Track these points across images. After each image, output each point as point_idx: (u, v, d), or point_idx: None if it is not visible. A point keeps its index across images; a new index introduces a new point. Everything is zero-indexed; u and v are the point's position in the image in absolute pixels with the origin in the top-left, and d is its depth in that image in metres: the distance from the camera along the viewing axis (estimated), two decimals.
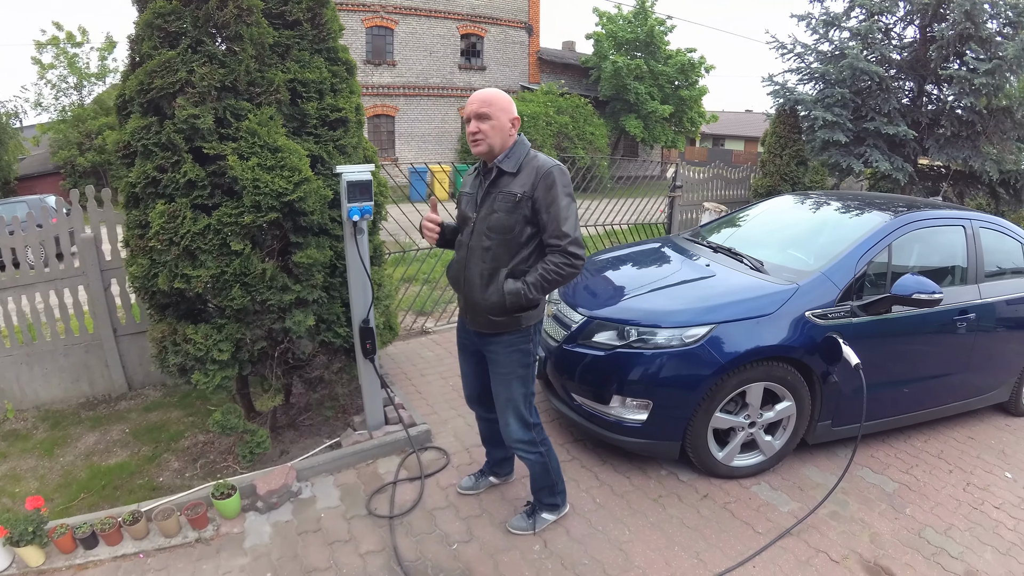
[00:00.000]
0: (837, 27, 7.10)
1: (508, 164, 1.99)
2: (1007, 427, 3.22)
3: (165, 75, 2.26)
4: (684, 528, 2.38)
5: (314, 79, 2.68)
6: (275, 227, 2.57)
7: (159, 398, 3.51)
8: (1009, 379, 3.13)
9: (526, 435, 2.17)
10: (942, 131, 6.41)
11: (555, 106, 13.46)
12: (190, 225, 2.38)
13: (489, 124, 1.96)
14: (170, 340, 2.52)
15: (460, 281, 2.11)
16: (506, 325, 2.04)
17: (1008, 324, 2.96)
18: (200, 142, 2.39)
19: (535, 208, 1.94)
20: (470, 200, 2.11)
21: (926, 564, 2.18)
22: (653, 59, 16.27)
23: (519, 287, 1.96)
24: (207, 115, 2.34)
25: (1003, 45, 5.64)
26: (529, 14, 17.52)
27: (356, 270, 2.73)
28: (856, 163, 6.50)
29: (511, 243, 1.98)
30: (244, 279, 2.47)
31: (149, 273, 2.44)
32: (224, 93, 2.41)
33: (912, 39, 6.87)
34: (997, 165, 6.13)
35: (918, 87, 6.71)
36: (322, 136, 2.78)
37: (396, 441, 2.94)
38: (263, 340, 2.64)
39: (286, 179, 2.45)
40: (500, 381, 2.15)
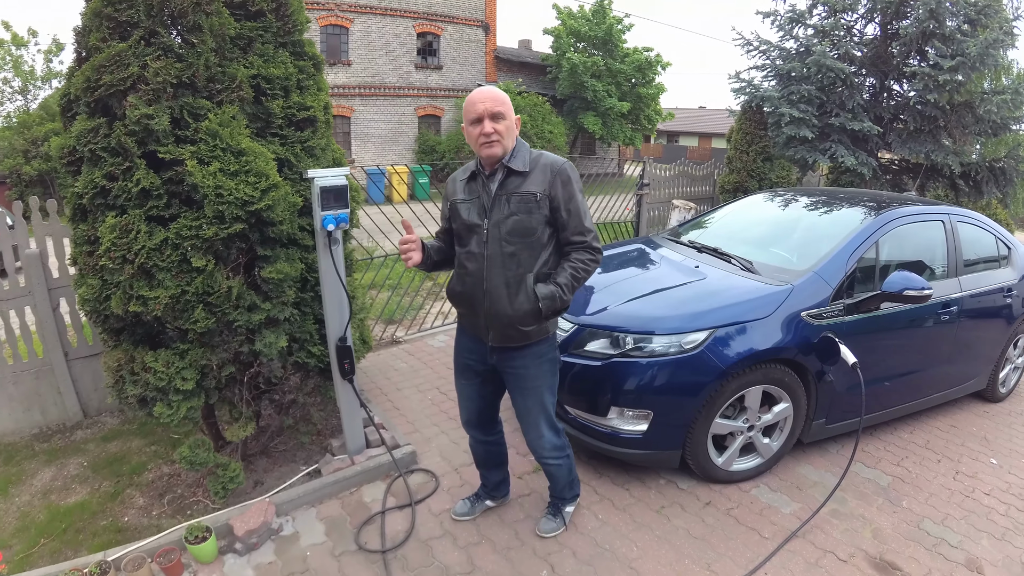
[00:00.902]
0: (802, 24, 7.37)
1: (518, 164, 1.88)
2: (986, 413, 3.37)
3: (115, 70, 1.98)
4: (691, 539, 2.32)
5: (279, 75, 2.45)
6: (240, 239, 2.33)
7: (117, 426, 3.16)
8: (987, 367, 3.27)
9: (558, 440, 2.11)
10: (904, 126, 6.77)
11: (513, 104, 13.46)
12: (145, 240, 2.11)
13: (504, 124, 1.85)
14: (127, 369, 2.23)
15: (478, 295, 1.95)
16: (536, 335, 1.95)
17: (985, 314, 3.08)
18: (154, 146, 2.13)
19: (553, 207, 1.87)
20: (472, 206, 1.95)
21: (929, 556, 2.21)
22: (611, 57, 16.50)
23: (553, 290, 1.86)
24: (162, 115, 2.08)
25: (966, 43, 5.98)
26: (486, 12, 17.41)
27: (331, 284, 2.52)
28: (822, 158, 6.77)
29: (534, 245, 1.88)
30: (207, 299, 2.22)
31: (101, 295, 2.15)
32: (181, 90, 2.16)
33: (873, 36, 7.21)
34: (959, 158, 6.54)
35: (880, 83, 7.05)
36: (289, 137, 2.56)
37: (380, 465, 2.75)
38: (231, 365, 2.38)
39: (252, 186, 2.22)
40: (530, 394, 2.04)
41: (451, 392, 3.60)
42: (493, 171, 1.92)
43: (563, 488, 2.31)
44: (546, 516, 2.38)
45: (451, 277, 2.10)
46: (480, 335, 2.03)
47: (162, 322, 2.30)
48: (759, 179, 6.84)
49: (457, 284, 2.04)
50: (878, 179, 6.95)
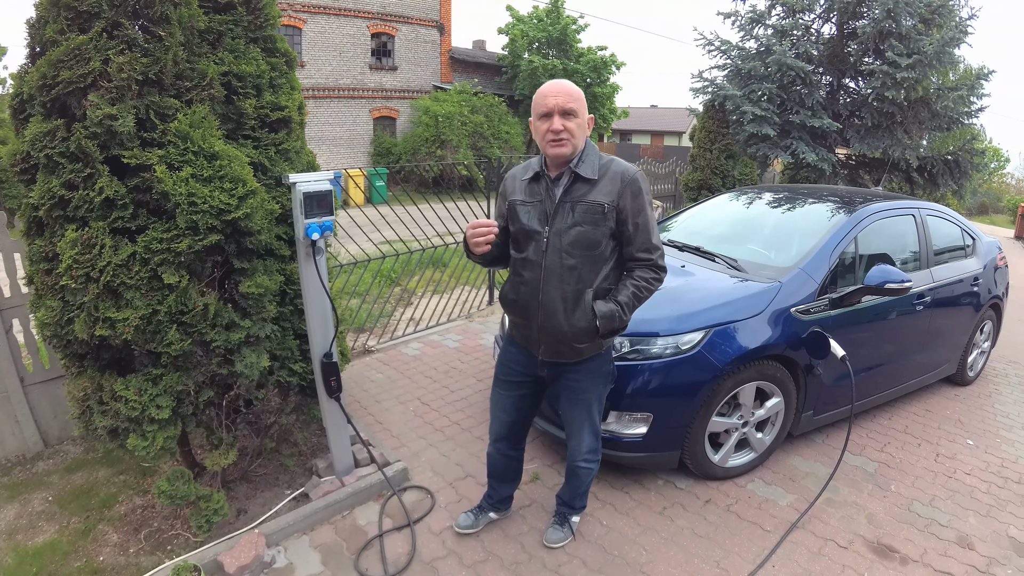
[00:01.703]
0: (761, 24, 7.67)
1: (587, 169, 1.77)
2: (957, 397, 3.57)
3: (74, 66, 1.77)
4: (697, 538, 2.33)
5: (251, 72, 2.29)
6: (215, 251, 2.15)
7: (81, 455, 2.87)
8: (956, 353, 3.46)
9: (596, 444, 2.07)
10: (862, 122, 7.15)
11: (470, 105, 13.33)
12: (110, 255, 1.90)
13: (575, 122, 1.73)
14: (95, 398, 2.01)
15: (532, 306, 1.85)
16: (589, 351, 1.86)
17: (955, 303, 3.27)
18: (118, 150, 1.93)
19: (619, 219, 1.77)
20: (533, 210, 1.83)
21: (922, 536, 2.31)
22: (566, 57, 16.67)
23: (614, 309, 1.77)
24: (127, 115, 1.89)
25: (922, 41, 6.36)
26: (440, 12, 17.23)
27: (315, 297, 2.37)
28: (784, 155, 7.07)
29: (596, 260, 1.78)
30: (181, 318, 2.03)
31: (62, 318, 1.92)
32: (147, 88, 1.96)
33: (830, 35, 7.58)
34: (916, 152, 6.97)
35: (837, 81, 7.42)
36: (262, 139, 2.39)
37: (372, 485, 2.61)
38: (208, 388, 2.20)
39: (228, 193, 2.05)
40: (580, 405, 1.98)
41: (433, 402, 3.49)
42: (559, 175, 1.81)
43: (576, 496, 2.26)
44: (552, 526, 2.33)
45: (506, 282, 2.01)
46: (531, 347, 1.94)
47: (131, 346, 2.09)
48: (723, 176, 7.07)
49: (511, 291, 1.94)
50: (837, 174, 7.33)
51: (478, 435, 3.11)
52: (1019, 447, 3.00)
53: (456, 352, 4.25)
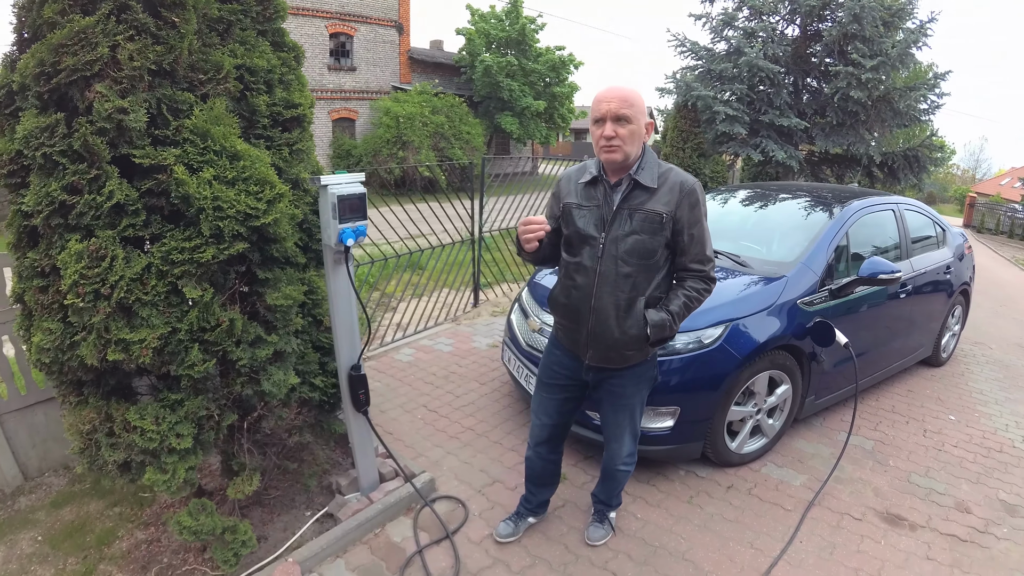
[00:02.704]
0: (731, 26, 8.02)
1: (647, 177, 1.75)
2: (933, 377, 3.93)
3: (79, 51, 1.54)
4: (727, 523, 2.44)
5: (263, 67, 2.11)
6: (237, 260, 1.97)
7: (66, 488, 2.53)
8: (932, 336, 3.80)
9: (634, 447, 2.08)
10: (827, 120, 7.67)
11: (430, 106, 13.09)
12: (123, 269, 1.69)
13: (628, 129, 1.69)
14: (103, 431, 1.77)
15: (584, 312, 1.83)
16: (636, 357, 1.86)
17: (931, 289, 3.58)
18: (127, 148, 1.71)
19: (676, 229, 1.76)
20: (590, 215, 1.81)
21: (925, 504, 2.54)
22: (524, 57, 16.71)
23: (665, 318, 1.76)
24: (139, 109, 1.67)
25: (885, 43, 6.84)
26: (399, 12, 16.76)
27: (343, 306, 2.24)
28: (754, 153, 7.46)
29: (651, 269, 1.78)
30: (204, 336, 1.84)
31: (64, 343, 1.67)
32: (158, 80, 1.75)
33: (793, 37, 8.04)
34: (879, 148, 7.56)
35: (801, 81, 7.89)
36: (275, 139, 2.22)
37: (401, 499, 2.50)
38: (231, 412, 2.01)
39: (254, 196, 1.88)
40: (623, 410, 1.98)
41: (441, 409, 3.40)
42: (618, 180, 1.78)
43: (614, 495, 2.29)
44: (593, 524, 2.35)
45: (556, 285, 1.97)
46: (578, 351, 1.92)
47: (144, 370, 1.87)
48: (695, 174, 7.34)
49: (562, 295, 1.91)
50: (803, 171, 7.86)
51: (495, 439, 3.07)
52: (996, 420, 3.36)
53: (451, 356, 4.16)
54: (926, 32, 7.14)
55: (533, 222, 1.76)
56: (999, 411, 3.48)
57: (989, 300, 6.84)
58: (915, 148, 7.86)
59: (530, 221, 1.77)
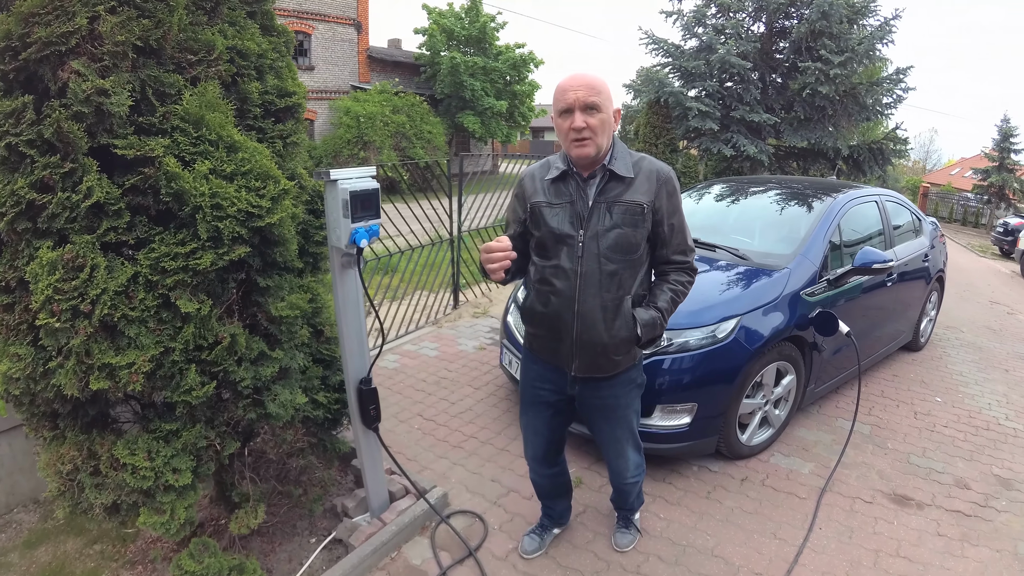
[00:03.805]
0: (702, 24, 8.18)
1: (621, 167, 1.63)
2: (915, 361, 4.12)
3: (53, 22, 1.28)
4: (748, 515, 2.44)
5: (254, 50, 1.87)
6: (237, 267, 1.73)
7: (38, 525, 2.18)
8: (912, 322, 3.97)
9: (639, 458, 1.97)
10: (795, 115, 7.95)
11: (391, 105, 12.68)
12: (105, 281, 1.44)
13: (598, 118, 1.56)
14: (86, 469, 1.51)
15: (567, 318, 1.68)
16: (625, 362, 1.74)
17: (912, 277, 3.74)
18: (107, 138, 1.45)
19: (655, 219, 1.65)
20: (563, 212, 1.66)
21: (927, 483, 2.65)
22: (485, 55, 16.54)
23: (655, 316, 1.66)
24: (121, 91, 1.42)
25: (852, 39, 7.11)
26: (358, 10, 16.12)
27: (351, 314, 2.04)
28: (725, 148, 7.65)
29: (635, 264, 1.66)
30: (201, 355, 1.61)
31: (36, 371, 1.39)
32: (142, 59, 1.50)
33: (760, 34, 8.29)
34: (846, 142, 7.91)
35: (767, 77, 8.14)
36: (267, 131, 1.99)
37: (415, 518, 2.33)
38: (234, 439, 1.77)
39: (256, 193, 1.67)
40: (618, 423, 1.85)
41: (438, 417, 3.23)
42: (591, 173, 1.65)
43: (633, 500, 2.20)
44: (619, 530, 2.27)
45: (528, 294, 1.80)
46: (561, 363, 1.76)
47: (129, 396, 1.61)
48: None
49: (539, 303, 1.74)
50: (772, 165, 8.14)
51: (501, 446, 2.94)
52: (979, 400, 3.56)
53: (439, 361, 3.97)
54: (891, 28, 7.60)
55: (497, 249, 1.55)
56: (980, 391, 3.70)
57: (953, 286, 7.32)
58: (879, 141, 8.38)
59: (494, 248, 1.55)
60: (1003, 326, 5.76)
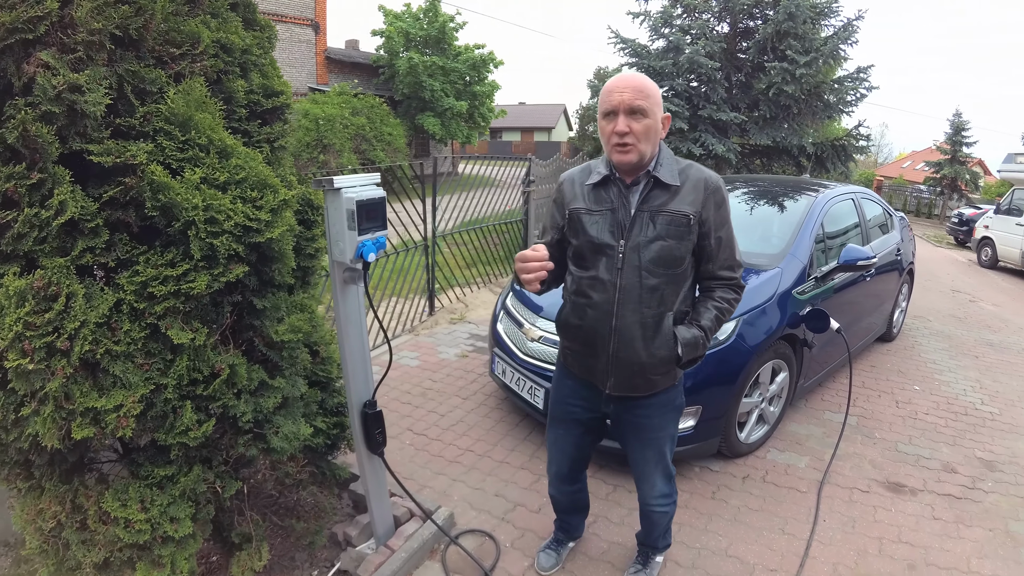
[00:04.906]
0: (669, 24, 8.25)
1: (667, 174, 1.53)
2: (889, 351, 4.29)
3: (19, 6, 1.08)
4: (753, 512, 2.45)
5: (239, 45, 1.69)
6: (230, 288, 1.55)
7: (11, 570, 1.89)
8: (886, 314, 4.11)
9: (669, 488, 1.87)
10: (761, 114, 8.13)
11: (350, 107, 12.17)
12: (84, 311, 1.24)
13: (644, 124, 1.46)
14: (71, 524, 1.30)
15: (603, 333, 1.59)
16: (664, 382, 1.66)
17: (886, 270, 3.87)
18: (80, 143, 1.25)
19: (702, 232, 1.55)
20: (603, 221, 1.57)
21: (917, 469, 2.75)
22: (444, 56, 16.23)
23: (697, 335, 1.57)
24: (97, 88, 1.22)
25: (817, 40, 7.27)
26: (316, 10, 15.36)
27: (354, 333, 1.88)
28: (694, 147, 7.75)
29: (679, 280, 1.57)
30: (196, 390, 1.43)
31: (7, 420, 1.19)
32: (120, 51, 1.30)
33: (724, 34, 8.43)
34: (811, 140, 8.14)
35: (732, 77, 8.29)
36: (253, 134, 1.80)
37: (424, 543, 2.20)
38: (234, 478, 1.59)
39: (253, 204, 1.50)
40: (650, 445, 1.77)
41: (429, 431, 3.09)
42: (635, 179, 1.56)
43: (657, 537, 2.06)
44: (634, 568, 2.09)
45: (565, 304, 1.71)
46: (596, 380, 1.69)
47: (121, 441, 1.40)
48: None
49: (574, 316, 1.65)
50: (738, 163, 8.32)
51: (500, 459, 2.84)
52: (955, 386, 3.75)
53: (421, 371, 3.82)
54: (854, 29, 7.97)
55: (533, 259, 1.49)
56: (954, 378, 3.90)
57: (916, 276, 7.71)
58: (842, 138, 8.77)
59: (529, 258, 1.49)
60: (967, 314, 6.07)
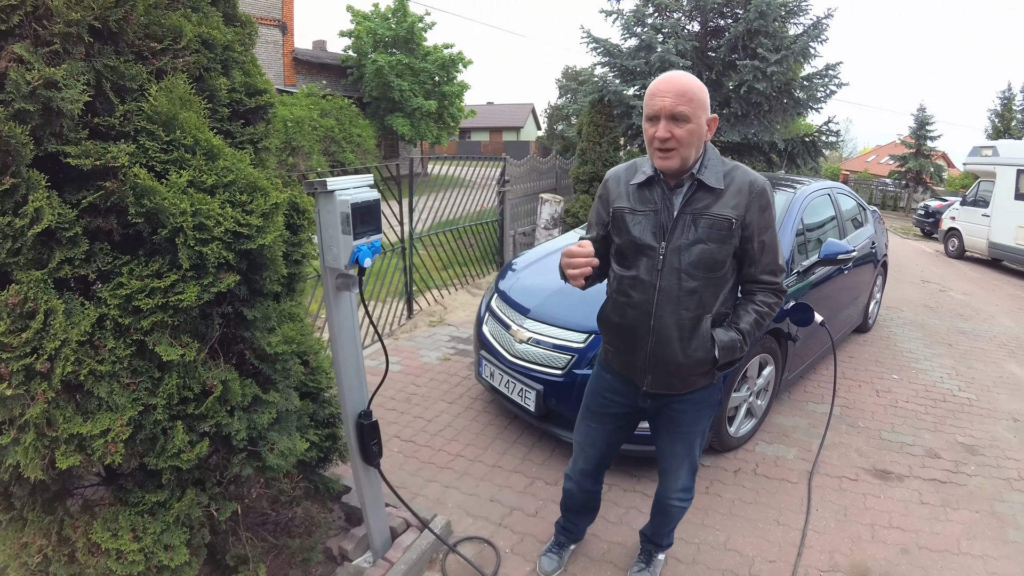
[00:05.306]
0: (641, 23, 8.30)
1: (711, 177, 1.53)
2: (866, 342, 4.41)
3: None
4: (748, 505, 2.49)
5: (221, 41, 1.60)
6: (219, 299, 1.47)
7: None
8: (862, 306, 4.20)
9: (691, 483, 1.89)
10: (732, 111, 8.23)
11: (319, 109, 11.84)
12: (64, 329, 1.14)
13: (686, 129, 1.45)
14: (59, 559, 1.20)
15: (642, 333, 1.61)
16: (701, 381, 1.67)
17: (863, 262, 3.97)
18: (56, 144, 1.15)
19: (744, 235, 1.55)
20: (646, 222, 1.58)
21: (902, 456, 2.84)
22: (413, 56, 16.01)
23: (735, 338, 1.57)
24: (75, 84, 1.13)
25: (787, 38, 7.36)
26: (283, 11, 14.83)
27: (348, 341, 1.81)
28: None
29: (719, 283, 1.57)
30: (187, 409, 1.34)
31: None
32: (99, 45, 1.20)
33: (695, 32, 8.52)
34: (782, 136, 8.28)
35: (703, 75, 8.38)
36: (236, 134, 1.71)
37: (423, 553, 2.14)
38: (229, 500, 1.50)
39: (243, 209, 1.42)
40: (681, 440, 1.78)
41: (417, 438, 3.02)
42: (679, 181, 1.56)
43: (664, 534, 2.08)
44: (637, 567, 2.11)
45: (606, 302, 1.73)
46: (634, 377, 1.71)
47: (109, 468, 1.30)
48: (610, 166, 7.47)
49: (614, 314, 1.67)
50: None
51: (492, 463, 2.80)
52: (932, 374, 3.87)
53: (404, 376, 3.74)
54: (824, 27, 8.19)
55: (577, 254, 1.50)
56: (931, 366, 4.05)
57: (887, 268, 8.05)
58: (812, 134, 9.00)
59: (576, 254, 1.50)
60: (938, 303, 6.30)
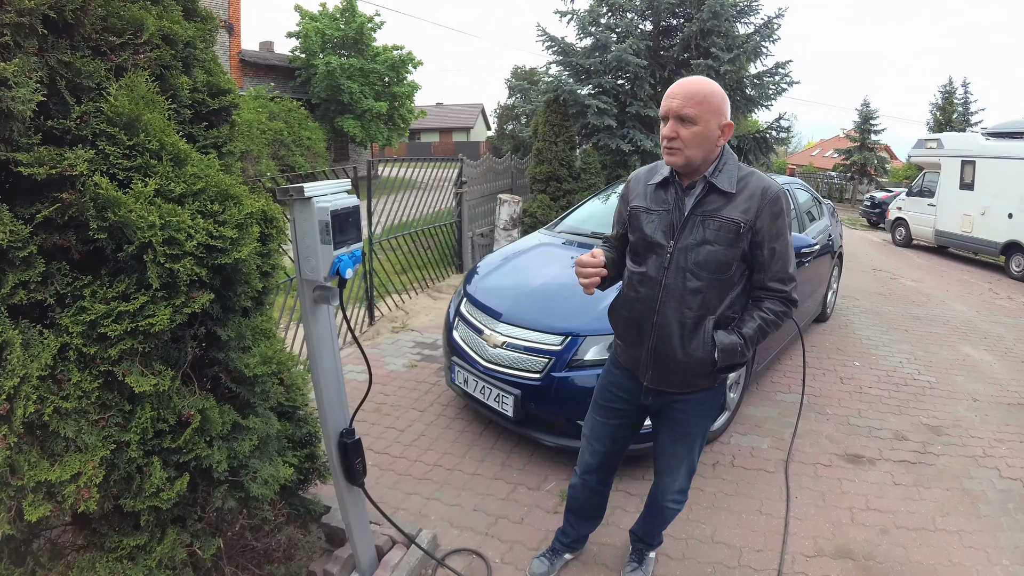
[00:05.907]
0: (596, 23, 8.34)
1: (723, 181, 1.55)
2: (825, 331, 4.58)
3: None
4: (730, 497, 2.54)
5: (182, 37, 1.48)
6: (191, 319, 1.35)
7: None
8: (820, 297, 4.35)
9: (687, 484, 1.90)
10: None
11: (267, 111, 11.32)
12: (23, 363, 1.02)
13: (691, 131, 1.48)
14: None
15: (645, 327, 1.65)
16: (702, 382, 1.68)
17: (822, 254, 4.09)
18: (5, 150, 1.02)
19: (754, 241, 1.56)
20: (658, 221, 1.61)
21: (871, 440, 2.96)
22: (362, 57, 15.62)
23: (736, 342, 1.57)
24: (27, 82, 1.01)
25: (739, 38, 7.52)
26: (229, 11, 14.00)
27: (327, 356, 1.72)
28: (623, 144, 7.91)
29: (724, 285, 1.58)
30: (163, 443, 1.23)
31: None
32: (52, 39, 1.07)
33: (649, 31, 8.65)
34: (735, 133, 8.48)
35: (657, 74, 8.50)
36: (199, 137, 1.59)
37: (411, 571, 2.07)
38: (212, 536, 1.39)
39: (215, 220, 1.32)
40: (681, 441, 1.78)
41: (391, 449, 2.91)
42: (692, 183, 1.59)
43: (656, 534, 2.10)
44: (630, 566, 2.13)
45: (618, 295, 1.76)
46: (637, 371, 1.72)
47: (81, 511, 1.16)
48: (568, 167, 7.47)
49: (623, 307, 1.72)
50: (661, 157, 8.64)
51: (471, 471, 2.73)
52: (891, 359, 4.05)
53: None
54: (775, 27, 8.51)
55: (588, 264, 1.57)
56: (889, 352, 4.24)
57: None
58: (763, 131, 9.33)
59: (588, 263, 1.57)
60: (890, 291, 6.61)
